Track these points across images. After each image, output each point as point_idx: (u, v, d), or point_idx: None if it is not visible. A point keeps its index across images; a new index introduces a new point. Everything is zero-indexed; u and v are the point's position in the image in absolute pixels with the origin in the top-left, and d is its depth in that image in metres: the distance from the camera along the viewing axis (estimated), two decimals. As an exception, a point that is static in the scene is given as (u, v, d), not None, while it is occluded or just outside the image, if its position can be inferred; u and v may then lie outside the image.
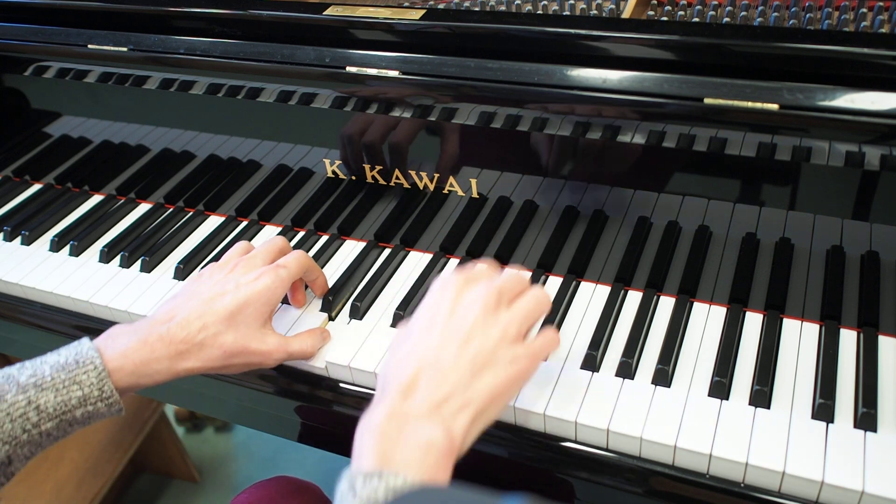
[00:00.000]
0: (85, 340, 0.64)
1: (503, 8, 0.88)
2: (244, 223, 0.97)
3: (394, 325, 0.79)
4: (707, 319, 0.75)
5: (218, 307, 0.67)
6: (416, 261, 0.88)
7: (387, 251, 0.89)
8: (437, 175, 0.82)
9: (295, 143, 0.88)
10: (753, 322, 0.74)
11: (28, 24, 0.95)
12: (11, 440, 0.59)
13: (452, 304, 0.60)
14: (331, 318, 0.81)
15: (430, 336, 0.59)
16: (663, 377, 0.69)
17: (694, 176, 0.72)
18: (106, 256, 0.93)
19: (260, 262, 0.73)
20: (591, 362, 0.71)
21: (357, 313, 0.80)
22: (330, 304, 0.81)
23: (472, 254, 0.86)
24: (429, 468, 0.51)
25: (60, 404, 0.60)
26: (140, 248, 0.93)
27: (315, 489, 0.86)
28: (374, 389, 0.75)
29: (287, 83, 0.83)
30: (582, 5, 0.86)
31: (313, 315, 0.81)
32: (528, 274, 0.65)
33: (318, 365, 0.76)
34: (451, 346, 0.57)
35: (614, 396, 0.68)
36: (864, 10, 0.77)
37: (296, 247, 0.91)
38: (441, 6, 0.88)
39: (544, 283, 0.82)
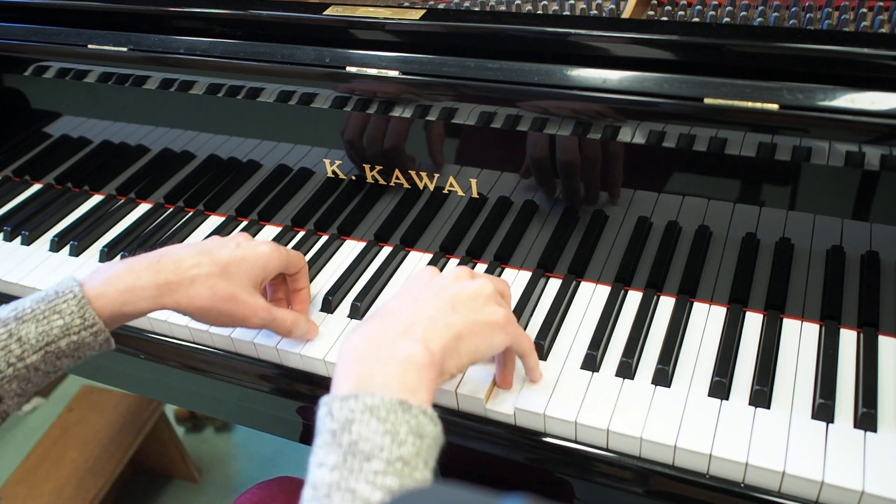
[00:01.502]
0: (69, 276, 0.64)
1: (503, 8, 0.88)
2: (244, 223, 0.97)
3: (394, 325, 0.79)
4: (707, 319, 0.75)
5: (216, 254, 0.68)
6: (416, 261, 0.88)
7: (387, 251, 0.89)
8: (436, 174, 0.82)
9: (295, 143, 0.88)
10: (753, 322, 0.74)
11: (28, 24, 0.95)
12: None
13: (427, 278, 0.63)
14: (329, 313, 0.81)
15: (405, 300, 0.60)
16: (663, 377, 0.69)
17: (694, 176, 0.72)
18: (106, 256, 0.93)
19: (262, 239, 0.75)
20: (591, 362, 0.71)
21: (357, 313, 0.80)
22: (330, 303, 0.81)
23: (472, 254, 0.86)
24: (409, 383, 0.52)
25: (42, 334, 0.59)
26: (140, 249, 0.93)
27: (316, 489, 0.86)
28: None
29: (287, 83, 0.83)
30: (582, 5, 0.86)
31: (314, 314, 0.81)
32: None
33: (317, 364, 0.76)
34: (428, 295, 0.60)
35: (614, 396, 0.68)
36: (864, 10, 0.77)
37: (295, 247, 0.91)
38: (441, 6, 0.88)
39: (544, 283, 0.82)
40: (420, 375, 0.53)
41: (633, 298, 0.79)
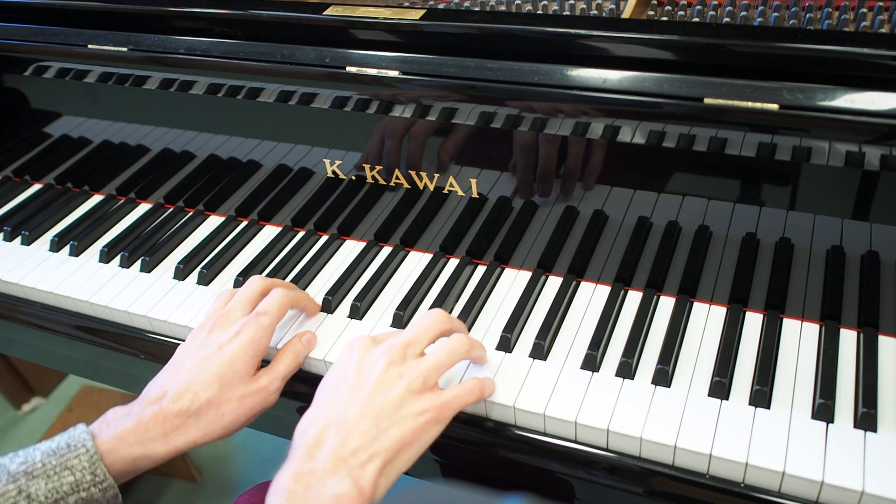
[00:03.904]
0: (80, 426, 0.63)
1: (503, 8, 0.88)
2: (244, 223, 0.97)
3: (394, 325, 0.79)
4: (707, 319, 0.75)
5: (205, 374, 0.66)
6: (416, 261, 0.88)
7: (387, 251, 0.89)
8: (437, 174, 0.82)
9: (295, 143, 0.88)
10: (753, 322, 0.74)
11: (28, 24, 0.94)
12: None
13: (357, 363, 0.62)
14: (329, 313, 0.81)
15: (335, 395, 0.60)
16: (663, 377, 0.69)
17: (694, 176, 0.72)
18: (106, 256, 0.93)
19: (239, 313, 0.71)
20: (591, 362, 0.71)
21: (357, 313, 0.80)
22: (329, 303, 0.81)
23: (472, 254, 0.86)
24: None
25: (52, 491, 0.58)
26: (140, 248, 0.93)
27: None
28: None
29: (287, 83, 0.83)
30: (582, 5, 0.86)
31: (314, 314, 0.81)
32: (445, 318, 0.67)
33: (318, 365, 0.76)
34: (355, 403, 0.59)
35: (614, 396, 0.68)
36: (864, 10, 0.77)
37: (295, 247, 0.91)
38: (441, 6, 0.88)
39: (544, 283, 0.82)
40: None
41: (633, 298, 0.79)
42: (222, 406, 0.66)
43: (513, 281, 0.83)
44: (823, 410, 0.64)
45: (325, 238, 0.93)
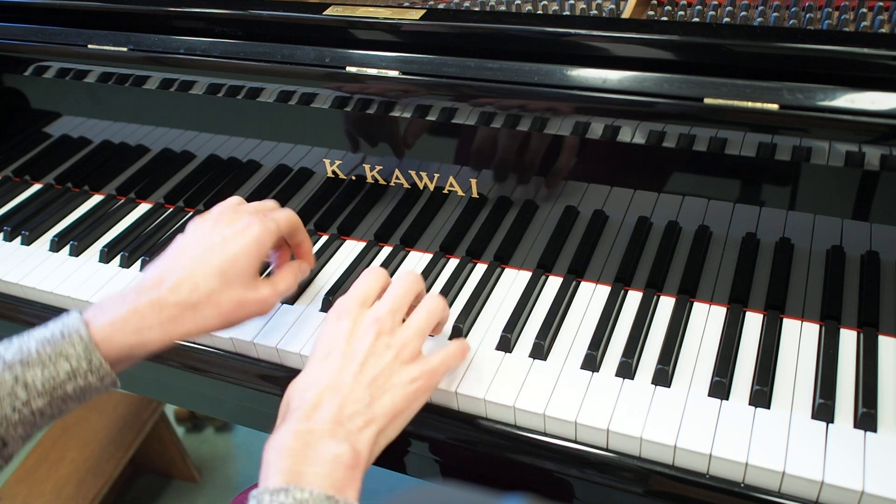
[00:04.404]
0: (73, 312, 0.62)
1: (503, 8, 0.88)
2: (244, 223, 0.97)
3: (394, 325, 0.79)
4: (707, 319, 0.75)
5: (207, 266, 0.65)
6: (416, 261, 0.88)
7: (387, 251, 0.89)
8: (437, 175, 0.82)
9: (295, 143, 0.88)
10: (753, 322, 0.74)
11: (28, 24, 0.95)
12: (2, 419, 0.56)
13: (348, 333, 0.63)
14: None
15: (328, 362, 0.61)
16: (663, 377, 0.69)
17: (694, 176, 0.72)
18: (106, 256, 0.93)
19: (246, 213, 0.71)
20: (591, 362, 0.71)
21: (357, 313, 0.80)
22: (330, 303, 0.81)
23: (472, 254, 0.86)
24: (337, 482, 0.54)
25: (49, 379, 0.58)
26: (140, 248, 0.93)
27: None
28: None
29: (287, 83, 0.83)
30: (582, 5, 0.86)
31: (314, 314, 0.81)
32: (418, 279, 0.69)
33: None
34: (348, 371, 0.60)
35: (614, 396, 0.68)
36: (864, 10, 0.77)
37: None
38: (441, 6, 0.88)
39: (544, 283, 0.82)
40: (346, 475, 0.54)
41: (633, 298, 0.79)
42: (221, 304, 0.66)
43: (513, 281, 0.83)
44: (823, 410, 0.64)
45: (325, 238, 0.93)
